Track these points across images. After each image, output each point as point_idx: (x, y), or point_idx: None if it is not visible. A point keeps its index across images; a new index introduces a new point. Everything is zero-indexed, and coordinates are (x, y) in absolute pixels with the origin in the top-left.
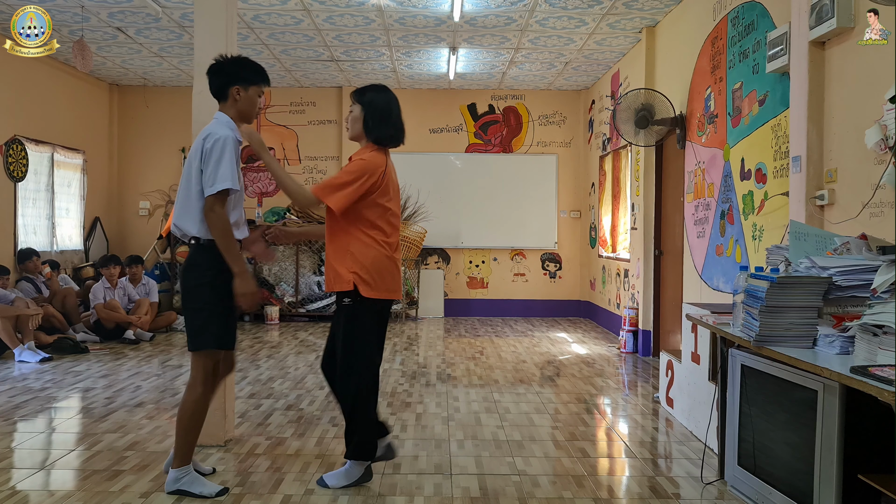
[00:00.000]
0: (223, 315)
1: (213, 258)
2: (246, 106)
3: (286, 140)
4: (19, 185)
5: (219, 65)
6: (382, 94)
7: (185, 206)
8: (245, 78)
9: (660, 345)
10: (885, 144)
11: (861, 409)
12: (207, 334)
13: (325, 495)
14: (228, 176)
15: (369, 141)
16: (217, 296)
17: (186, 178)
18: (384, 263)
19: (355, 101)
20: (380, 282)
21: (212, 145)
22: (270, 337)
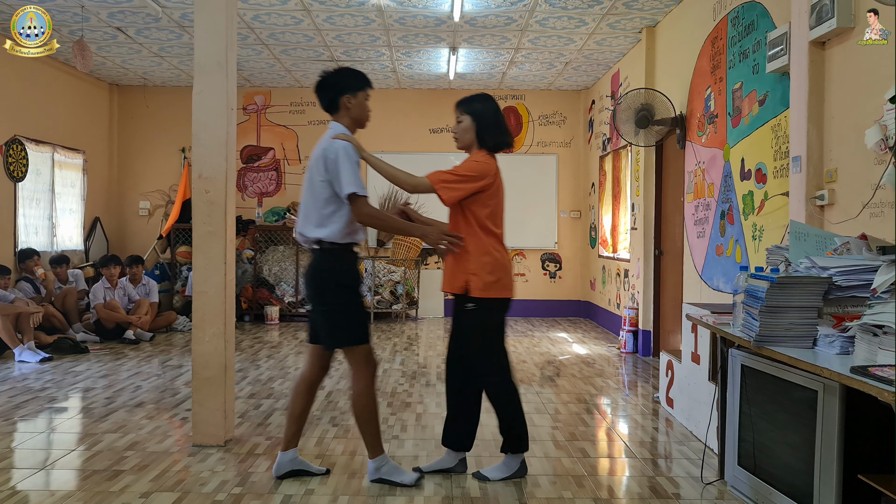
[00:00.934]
0: (352, 313)
1: (335, 260)
2: (358, 112)
3: (286, 140)
4: (19, 186)
5: (324, 80)
6: (489, 102)
7: (306, 215)
8: (352, 85)
9: (660, 345)
10: (885, 144)
11: (861, 409)
12: (341, 332)
13: (325, 496)
14: (353, 182)
15: (481, 148)
16: (343, 295)
17: (308, 189)
18: (500, 263)
19: (463, 112)
20: (494, 281)
21: (335, 156)
22: (270, 337)
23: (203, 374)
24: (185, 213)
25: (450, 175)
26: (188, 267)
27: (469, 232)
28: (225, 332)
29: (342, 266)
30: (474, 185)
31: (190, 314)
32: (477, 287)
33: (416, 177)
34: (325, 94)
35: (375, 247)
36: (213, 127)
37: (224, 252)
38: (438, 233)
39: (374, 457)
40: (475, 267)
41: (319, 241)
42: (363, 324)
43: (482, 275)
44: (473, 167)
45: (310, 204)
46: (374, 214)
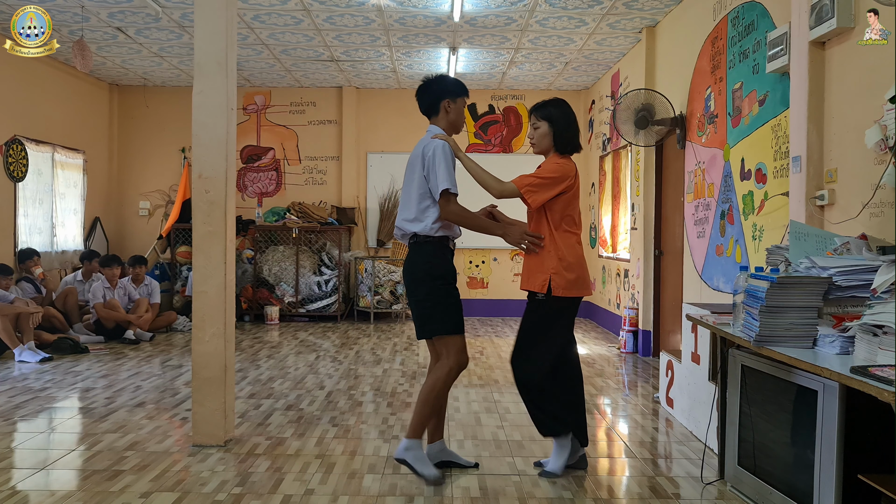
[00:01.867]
0: (445, 305)
1: (428, 253)
2: (456, 116)
3: (286, 140)
4: (19, 185)
5: (426, 84)
6: (564, 107)
7: (405, 209)
8: (453, 91)
9: (660, 345)
10: (885, 144)
11: (861, 409)
12: (433, 323)
13: (325, 496)
14: (447, 179)
15: (557, 152)
16: (437, 286)
17: (408, 185)
18: (580, 262)
19: (540, 118)
20: (574, 280)
21: (432, 153)
22: (270, 337)
23: (203, 374)
24: (185, 213)
25: (535, 179)
26: (188, 267)
27: (549, 232)
28: (225, 332)
29: (436, 259)
30: (558, 187)
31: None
32: (558, 286)
33: (503, 182)
34: (426, 98)
35: (375, 247)
36: (213, 127)
37: (224, 252)
38: (520, 232)
39: (411, 437)
40: (555, 266)
41: (415, 235)
42: (457, 315)
43: (563, 273)
44: (556, 169)
45: (408, 199)
46: (460, 212)
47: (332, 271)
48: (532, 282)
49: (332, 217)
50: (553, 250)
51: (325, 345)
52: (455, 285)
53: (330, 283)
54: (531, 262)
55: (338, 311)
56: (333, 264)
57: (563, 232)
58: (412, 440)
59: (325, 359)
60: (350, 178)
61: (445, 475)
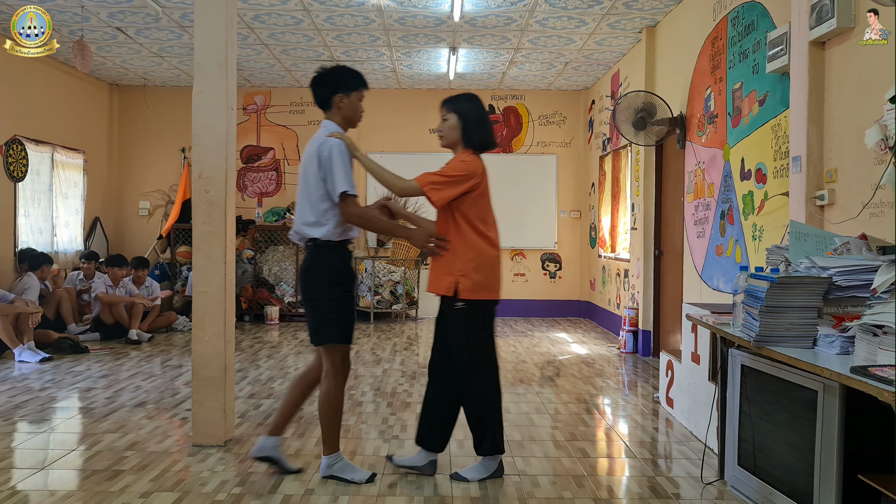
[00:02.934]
0: (342, 311)
1: (328, 257)
2: (350, 111)
3: (286, 140)
4: (19, 185)
5: (319, 76)
6: (476, 102)
7: (301, 212)
8: (347, 84)
9: (660, 345)
10: (885, 144)
11: (861, 409)
12: (329, 329)
13: (326, 496)
14: (345, 181)
15: (467, 147)
16: (335, 293)
17: (303, 186)
18: (489, 264)
19: (450, 111)
20: (483, 283)
21: (328, 154)
22: (270, 337)
23: (203, 374)
24: (185, 213)
25: (438, 177)
26: (188, 267)
27: (458, 232)
28: (225, 332)
29: (336, 263)
30: (463, 185)
31: (190, 314)
32: (466, 288)
33: (405, 180)
34: (319, 91)
35: (375, 247)
36: (213, 127)
37: (224, 252)
38: (425, 235)
39: (329, 454)
40: (464, 268)
41: (314, 239)
42: (350, 324)
43: (471, 275)
44: (461, 167)
45: (305, 201)
46: (361, 214)
47: None
48: (438, 284)
49: None
50: (460, 251)
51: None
52: (352, 291)
53: None
54: (438, 264)
55: None
56: None
57: (472, 232)
58: (330, 456)
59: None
60: None
61: (445, 476)
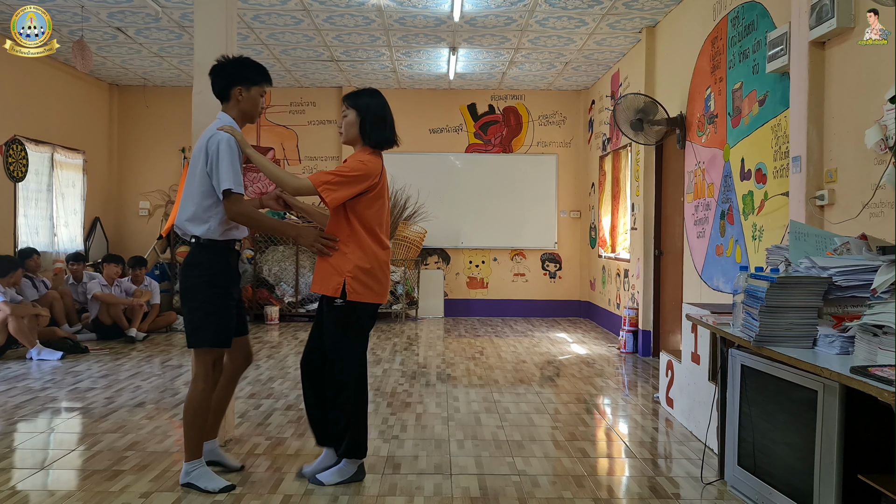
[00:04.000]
0: (219, 314)
1: (211, 257)
2: (248, 106)
3: (286, 140)
4: (19, 185)
5: (220, 66)
6: (377, 98)
7: (185, 207)
8: (247, 78)
9: (660, 345)
10: (885, 144)
11: (861, 409)
12: (204, 332)
13: (325, 496)
14: (231, 177)
15: (366, 145)
16: (214, 294)
17: (189, 179)
18: (379, 267)
19: (349, 106)
20: (371, 286)
21: (216, 148)
22: (270, 337)
23: None
24: None
25: (333, 176)
26: None
27: (350, 233)
28: None
29: (216, 263)
30: (358, 186)
31: None
32: (352, 289)
33: (298, 178)
34: (218, 81)
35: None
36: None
37: None
38: (313, 235)
39: (190, 460)
40: (353, 269)
41: (196, 237)
42: (225, 328)
43: (360, 277)
44: (357, 167)
45: (189, 196)
46: (247, 213)
47: None
48: (325, 285)
49: None
50: (351, 252)
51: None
52: (234, 292)
53: None
54: (325, 265)
55: None
56: None
57: (364, 233)
58: (190, 462)
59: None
60: None
61: (446, 476)
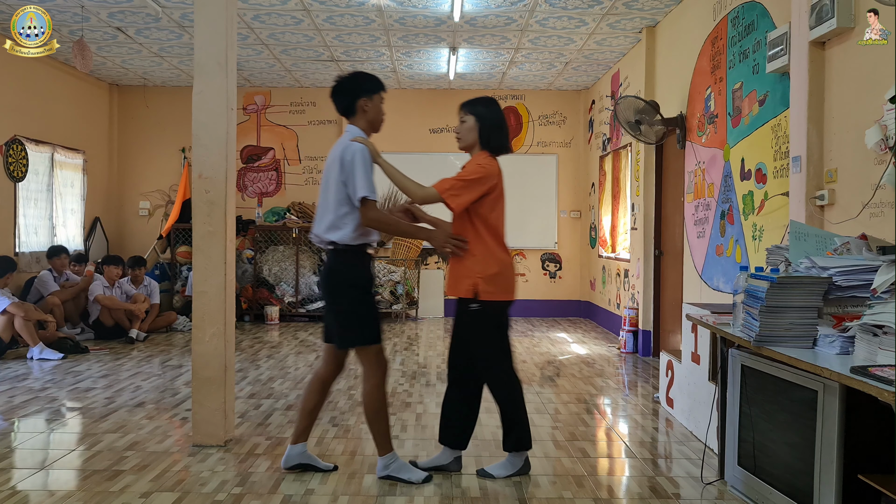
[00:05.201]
0: (361, 313)
1: (348, 261)
2: (374, 114)
3: (286, 140)
4: (19, 185)
5: (338, 85)
6: (494, 105)
7: (322, 216)
8: (368, 89)
9: (660, 345)
10: (885, 144)
11: (861, 409)
12: (353, 333)
13: (325, 496)
14: (366, 186)
15: (483, 150)
16: (355, 296)
17: (325, 190)
18: (506, 266)
19: (468, 113)
20: (501, 284)
21: (351, 158)
22: (270, 337)
23: (203, 374)
24: (185, 213)
25: (456, 182)
26: (188, 267)
27: (474, 235)
28: (225, 332)
29: (355, 267)
30: (480, 188)
31: (190, 314)
32: (485, 291)
33: (424, 187)
34: (341, 99)
35: (375, 247)
36: (213, 127)
37: (224, 252)
38: (444, 236)
39: (384, 454)
40: (482, 270)
41: (333, 243)
42: (375, 324)
43: (489, 277)
44: (478, 170)
45: (325, 205)
46: (382, 219)
47: None
48: (458, 287)
49: None
50: (479, 254)
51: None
52: (373, 293)
53: None
54: (456, 267)
55: None
56: None
57: (487, 235)
58: (385, 456)
59: None
60: None
61: (446, 476)
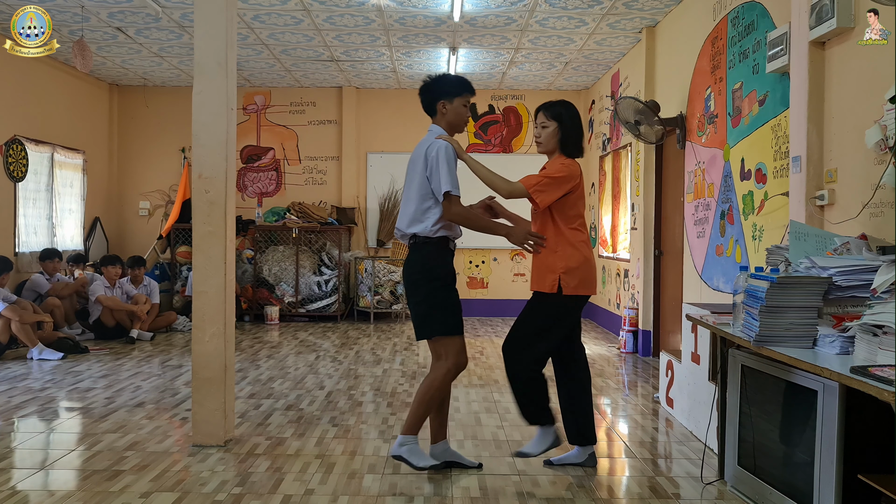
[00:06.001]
0: (441, 306)
1: (427, 254)
2: (453, 117)
3: (286, 140)
4: (19, 185)
5: (425, 84)
6: (573, 110)
7: (405, 210)
8: (448, 92)
9: (660, 345)
10: (885, 144)
11: (861, 409)
12: (430, 323)
13: (325, 495)
14: (449, 181)
15: (562, 153)
16: (434, 288)
17: (409, 185)
18: (589, 262)
19: (550, 118)
20: (584, 279)
21: (435, 154)
22: (270, 337)
23: (203, 374)
24: (185, 213)
25: (543, 178)
26: (188, 267)
27: (555, 232)
28: (225, 332)
29: (435, 260)
30: (564, 187)
31: (190, 314)
32: (568, 285)
33: (511, 182)
34: (424, 98)
35: (375, 247)
36: (213, 127)
37: (224, 252)
38: (524, 233)
39: (406, 433)
40: (566, 265)
41: (415, 236)
42: (456, 316)
43: (573, 272)
44: (562, 170)
45: (408, 199)
46: (464, 213)
47: (332, 271)
48: (542, 282)
49: (332, 217)
50: (561, 250)
51: (325, 345)
52: (454, 286)
53: (330, 284)
54: (539, 263)
55: (338, 311)
56: (333, 264)
57: (570, 231)
58: (407, 436)
59: (325, 359)
60: (350, 178)
61: (446, 475)
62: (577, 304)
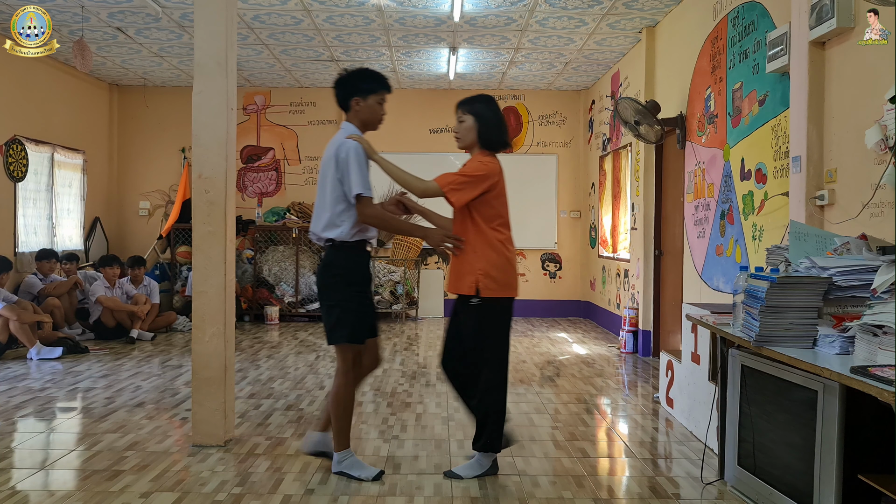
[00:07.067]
0: (355, 311)
1: (345, 258)
2: (367, 115)
3: (286, 140)
4: (19, 185)
5: (340, 78)
6: (492, 103)
7: (319, 214)
8: (363, 88)
9: (660, 345)
10: (885, 144)
11: (861, 409)
12: (341, 329)
13: (326, 496)
14: (361, 183)
15: (483, 149)
16: (349, 293)
17: (321, 187)
18: (509, 262)
19: (466, 112)
20: (504, 281)
21: (345, 156)
22: (270, 337)
23: (203, 374)
24: (185, 213)
25: (457, 177)
26: (188, 267)
27: (476, 232)
28: (225, 332)
29: (350, 263)
30: (482, 186)
31: (190, 314)
32: (487, 287)
33: (424, 181)
34: (338, 93)
35: (375, 247)
36: (213, 127)
37: (224, 252)
38: (441, 235)
39: (340, 450)
40: (484, 267)
41: (331, 240)
42: (362, 324)
43: (492, 274)
44: (479, 168)
45: (322, 203)
46: (378, 215)
47: None
48: (460, 284)
49: None
50: (480, 251)
51: (325, 345)
52: (369, 289)
53: None
54: (458, 264)
55: None
56: None
57: (489, 231)
58: (340, 452)
59: (325, 359)
60: None
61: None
62: (501, 306)
